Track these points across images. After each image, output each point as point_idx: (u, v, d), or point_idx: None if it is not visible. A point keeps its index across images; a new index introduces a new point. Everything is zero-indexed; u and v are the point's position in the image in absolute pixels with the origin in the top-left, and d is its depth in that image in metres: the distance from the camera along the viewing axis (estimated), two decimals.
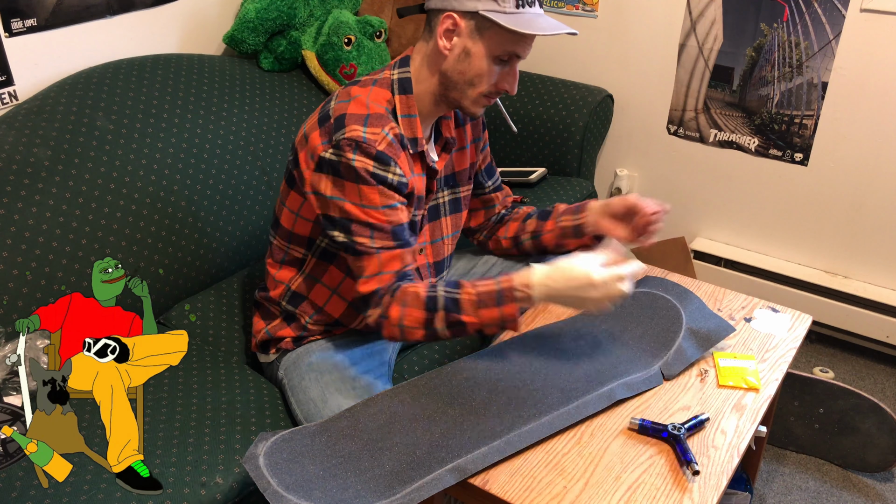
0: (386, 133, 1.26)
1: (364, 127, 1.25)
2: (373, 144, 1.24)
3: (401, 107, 1.32)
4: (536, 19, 1.26)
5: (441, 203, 1.47)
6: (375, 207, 1.26)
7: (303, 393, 1.37)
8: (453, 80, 1.32)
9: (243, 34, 2.05)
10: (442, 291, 1.26)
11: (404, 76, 1.34)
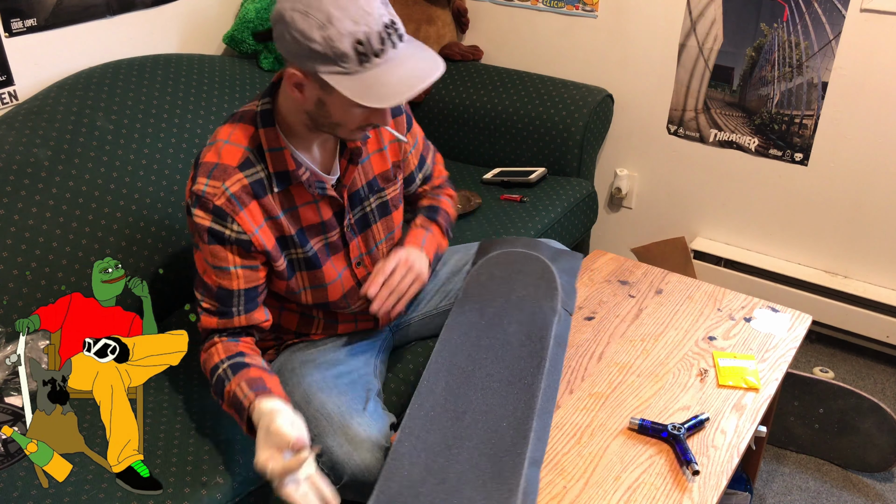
0: (226, 188, 1.21)
1: (207, 180, 1.22)
2: (210, 199, 1.21)
3: (266, 141, 1.25)
4: (387, 74, 1.12)
5: (369, 211, 1.41)
6: (210, 265, 1.27)
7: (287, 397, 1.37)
8: (318, 122, 1.22)
9: (243, 34, 2.06)
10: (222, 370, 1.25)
11: (266, 108, 1.25)
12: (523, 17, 2.50)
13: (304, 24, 1.10)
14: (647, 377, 1.35)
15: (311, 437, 1.29)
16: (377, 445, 1.26)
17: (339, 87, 1.12)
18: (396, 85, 1.12)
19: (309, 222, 1.32)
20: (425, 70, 1.15)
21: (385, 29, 1.12)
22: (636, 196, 2.53)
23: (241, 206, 1.23)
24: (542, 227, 2.07)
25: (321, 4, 1.10)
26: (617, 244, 2.64)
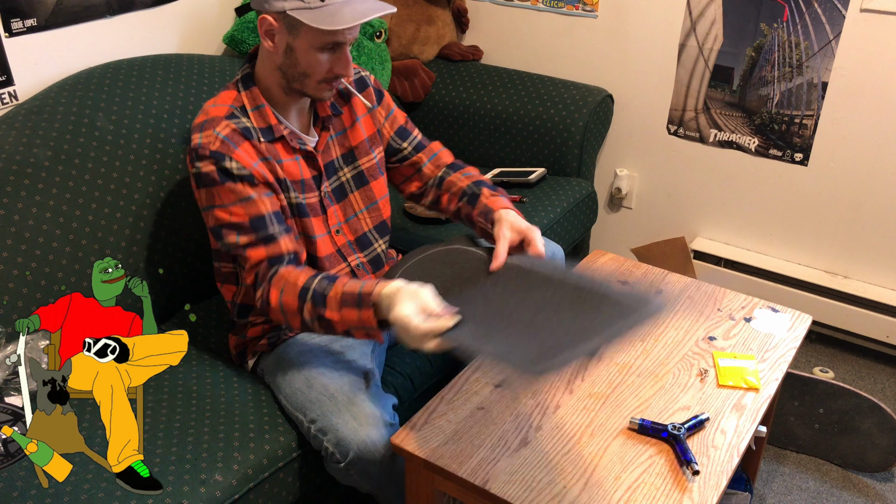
0: (217, 133, 1.31)
1: (200, 134, 1.32)
2: (207, 147, 1.31)
3: (248, 101, 1.37)
4: (343, 8, 1.26)
5: (345, 181, 1.49)
6: (232, 203, 1.32)
7: (288, 386, 1.38)
8: (289, 74, 1.34)
9: (243, 34, 2.06)
10: (316, 283, 1.27)
11: (245, 73, 1.39)
12: (523, 17, 2.50)
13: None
14: (647, 377, 1.35)
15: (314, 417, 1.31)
16: (382, 421, 1.27)
17: (304, 19, 1.25)
18: (350, 14, 1.25)
19: (292, 177, 1.40)
20: (376, 7, 1.28)
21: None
22: (636, 196, 2.53)
23: (234, 145, 1.32)
24: (542, 227, 2.07)
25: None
26: (617, 244, 2.63)
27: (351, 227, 1.50)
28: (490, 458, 1.18)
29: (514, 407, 1.28)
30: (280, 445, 1.35)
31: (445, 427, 1.24)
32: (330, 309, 1.24)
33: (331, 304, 1.24)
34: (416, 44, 2.51)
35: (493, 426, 1.24)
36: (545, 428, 1.24)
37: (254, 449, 1.33)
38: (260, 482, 1.31)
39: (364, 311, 1.21)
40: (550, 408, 1.28)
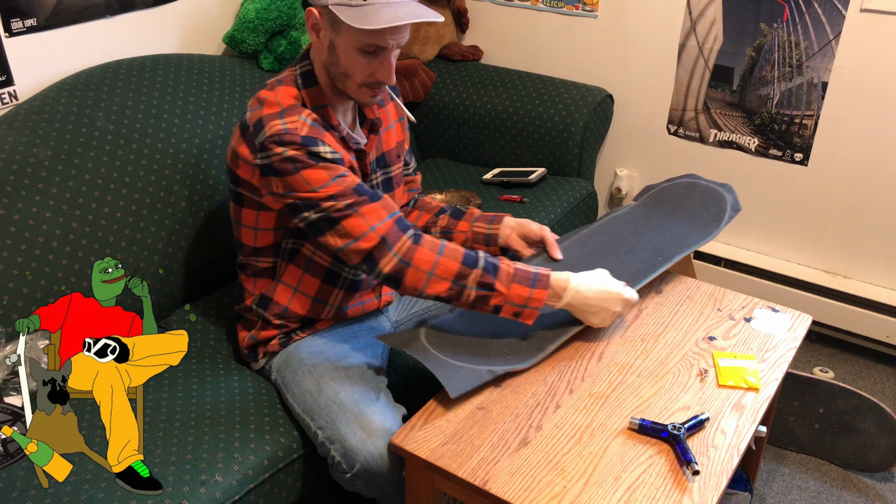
0: (304, 119, 1.29)
1: (282, 119, 1.28)
2: (295, 132, 1.26)
3: (309, 99, 1.34)
4: (385, 9, 1.23)
5: (376, 184, 1.49)
6: (327, 183, 1.26)
7: (297, 387, 1.38)
8: (332, 73, 1.33)
9: (243, 34, 2.06)
10: (483, 253, 1.32)
11: (306, 69, 1.35)
12: (523, 17, 2.50)
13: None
14: (647, 377, 1.35)
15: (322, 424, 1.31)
16: (391, 434, 1.27)
17: (342, 16, 1.22)
18: (390, 16, 1.22)
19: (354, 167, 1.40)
20: (421, 13, 1.25)
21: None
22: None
23: (322, 129, 1.31)
24: None
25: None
26: None
27: None
28: (490, 458, 1.18)
29: (514, 407, 1.28)
30: (281, 446, 1.35)
31: (445, 427, 1.24)
32: (500, 281, 1.30)
33: (501, 277, 1.30)
34: (416, 43, 2.51)
35: (493, 426, 1.24)
36: (545, 428, 1.24)
37: (254, 450, 1.33)
38: (260, 483, 1.31)
39: (536, 291, 1.31)
40: (550, 408, 1.28)
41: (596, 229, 1.63)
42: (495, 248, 1.56)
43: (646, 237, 1.58)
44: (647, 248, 1.54)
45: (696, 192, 1.67)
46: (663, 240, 1.56)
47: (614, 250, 1.55)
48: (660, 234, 1.58)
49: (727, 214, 1.58)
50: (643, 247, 1.55)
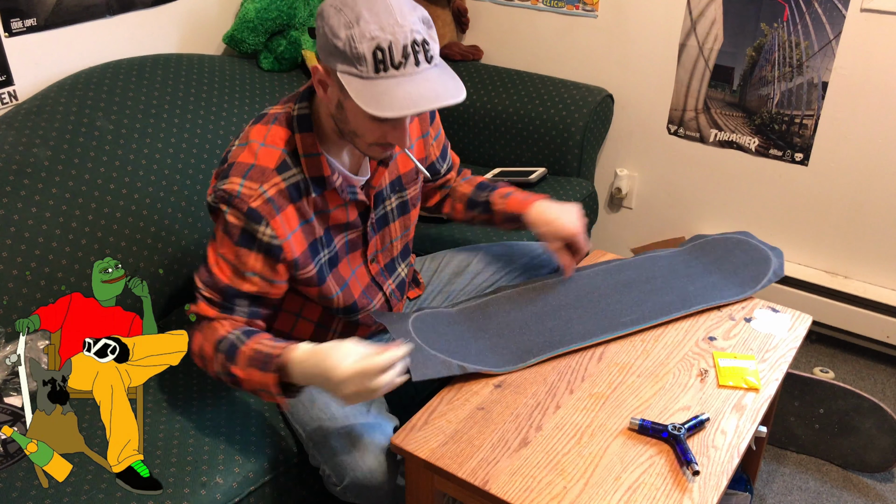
0: (263, 191, 1.20)
1: (243, 180, 1.20)
2: (246, 200, 1.19)
3: (302, 146, 1.24)
4: (399, 88, 1.10)
5: (389, 210, 1.42)
6: (227, 263, 1.23)
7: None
8: (340, 128, 1.23)
9: (243, 34, 2.05)
10: (234, 336, 1.21)
11: (303, 112, 1.25)
12: (523, 17, 2.50)
13: (335, 20, 1.11)
14: (647, 377, 1.35)
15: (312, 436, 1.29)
16: (380, 449, 1.26)
17: (349, 88, 1.11)
18: (403, 99, 1.10)
19: (337, 222, 1.33)
20: (440, 93, 1.12)
21: (413, 45, 1.11)
22: (636, 196, 2.53)
23: (277, 209, 1.22)
24: None
25: (356, 5, 1.11)
26: (617, 244, 2.63)
27: (385, 254, 1.46)
28: (490, 458, 1.18)
29: (514, 407, 1.28)
30: (281, 450, 1.35)
31: (445, 427, 1.24)
32: (238, 366, 1.19)
33: (239, 361, 1.19)
34: None
35: (493, 426, 1.24)
36: (545, 428, 1.24)
37: (255, 452, 1.32)
38: (261, 486, 1.31)
39: (267, 375, 1.15)
40: (550, 408, 1.28)
41: (629, 263, 1.63)
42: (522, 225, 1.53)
43: (676, 282, 1.56)
44: (672, 293, 1.53)
45: (744, 249, 1.66)
46: (692, 289, 1.55)
47: (639, 287, 1.54)
48: (691, 282, 1.56)
49: (766, 278, 1.56)
50: (669, 290, 1.54)
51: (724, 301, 1.52)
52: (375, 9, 1.10)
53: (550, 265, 1.64)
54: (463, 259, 1.65)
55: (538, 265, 1.64)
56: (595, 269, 1.61)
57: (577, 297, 1.52)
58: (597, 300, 1.51)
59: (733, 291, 1.55)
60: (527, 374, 1.35)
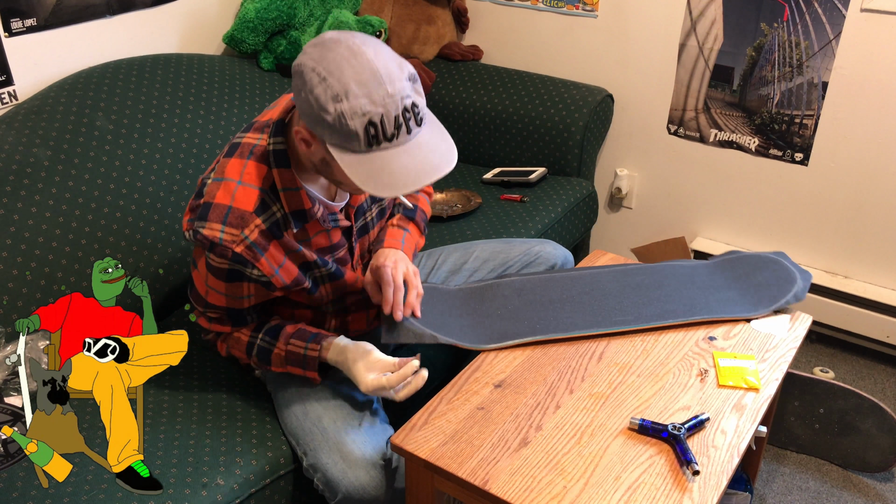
0: (245, 237, 1.20)
1: (223, 226, 1.19)
2: (229, 246, 1.19)
3: (280, 181, 1.22)
4: (394, 161, 1.08)
5: (369, 220, 1.43)
6: (220, 293, 1.29)
7: (285, 406, 1.37)
8: (322, 173, 1.22)
9: (243, 34, 2.06)
10: (263, 342, 1.34)
11: (279, 148, 1.21)
12: (523, 17, 2.50)
13: (320, 90, 1.06)
14: (647, 377, 1.35)
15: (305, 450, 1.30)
16: (371, 463, 1.26)
17: (343, 165, 1.09)
18: (401, 175, 1.08)
19: (321, 247, 1.33)
20: (435, 164, 1.10)
21: (404, 112, 1.08)
22: (636, 196, 2.53)
23: (261, 251, 1.22)
24: (543, 227, 2.07)
25: (342, 75, 1.05)
26: (617, 244, 2.63)
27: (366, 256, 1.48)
28: (490, 458, 1.18)
29: (514, 407, 1.28)
30: (283, 453, 1.35)
31: (445, 427, 1.24)
32: (274, 364, 1.35)
33: (275, 362, 1.34)
34: (416, 43, 2.51)
35: (493, 426, 1.24)
36: (545, 428, 1.24)
37: (256, 455, 1.32)
38: (261, 488, 1.31)
39: (309, 372, 1.33)
40: (550, 408, 1.28)
41: (646, 268, 1.61)
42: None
43: (688, 291, 1.53)
44: (678, 301, 1.50)
45: (772, 268, 1.59)
46: (703, 300, 1.51)
47: (646, 292, 1.53)
48: (704, 294, 1.53)
49: (784, 299, 1.51)
50: (677, 298, 1.51)
51: (731, 316, 1.48)
52: (363, 78, 1.05)
53: (547, 262, 1.65)
54: (460, 256, 1.66)
55: (535, 262, 1.64)
56: (608, 269, 1.60)
57: (579, 293, 1.52)
58: (598, 298, 1.51)
59: (745, 309, 1.50)
60: (527, 374, 1.35)
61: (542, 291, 1.52)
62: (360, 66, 1.06)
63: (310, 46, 1.10)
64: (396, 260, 1.38)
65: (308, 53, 1.09)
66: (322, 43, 1.09)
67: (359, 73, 1.05)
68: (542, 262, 1.65)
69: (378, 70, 1.06)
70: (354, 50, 1.07)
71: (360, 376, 1.26)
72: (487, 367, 1.37)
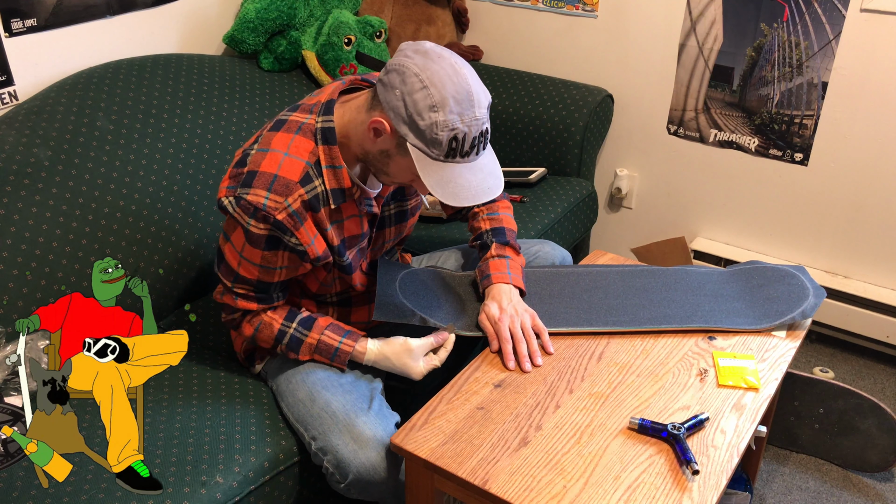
0: (288, 204, 1.24)
1: (268, 193, 1.23)
2: (272, 213, 1.23)
3: (325, 158, 1.27)
4: (463, 176, 1.20)
5: (387, 215, 1.45)
6: (253, 265, 1.31)
7: (291, 396, 1.37)
8: (371, 163, 1.28)
9: (243, 34, 2.06)
10: (294, 331, 1.37)
11: (327, 125, 1.27)
12: (523, 17, 2.50)
13: (420, 96, 1.15)
14: (647, 377, 1.35)
15: (314, 434, 1.29)
16: (382, 444, 1.27)
17: (419, 166, 1.19)
18: (467, 189, 1.20)
19: (351, 233, 1.37)
20: (491, 186, 1.23)
21: (480, 136, 1.21)
22: (636, 196, 2.53)
23: (301, 221, 1.27)
24: (543, 227, 2.07)
25: (444, 87, 1.16)
26: (617, 244, 2.63)
27: (373, 253, 1.49)
28: (490, 458, 1.18)
29: (513, 406, 1.28)
30: (282, 449, 1.35)
31: (445, 427, 1.24)
32: (302, 354, 1.38)
33: (303, 350, 1.38)
34: None
35: (493, 426, 1.24)
36: (545, 428, 1.24)
37: (255, 452, 1.32)
38: (261, 485, 1.31)
39: (335, 363, 1.38)
40: (550, 407, 1.28)
41: (652, 271, 1.60)
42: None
43: (694, 298, 1.52)
44: (680, 307, 1.49)
45: (787, 282, 1.55)
46: (707, 308, 1.49)
47: (649, 294, 1.52)
48: (709, 301, 1.51)
49: (791, 315, 1.46)
50: (680, 304, 1.50)
51: (730, 328, 1.45)
52: (460, 97, 1.17)
53: (545, 261, 1.65)
54: (459, 258, 1.66)
55: (533, 262, 1.65)
56: (619, 269, 1.60)
57: (579, 290, 1.53)
58: (598, 297, 1.51)
59: (747, 321, 1.47)
60: (526, 374, 1.35)
61: (541, 285, 1.53)
62: (460, 85, 1.17)
63: (411, 51, 1.19)
64: (512, 315, 1.39)
65: (411, 58, 1.18)
66: (425, 52, 1.18)
67: (458, 91, 1.17)
68: (540, 262, 1.65)
69: (472, 93, 1.19)
70: (457, 69, 1.18)
71: (410, 369, 1.35)
72: (487, 367, 1.37)
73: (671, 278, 1.58)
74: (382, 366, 1.37)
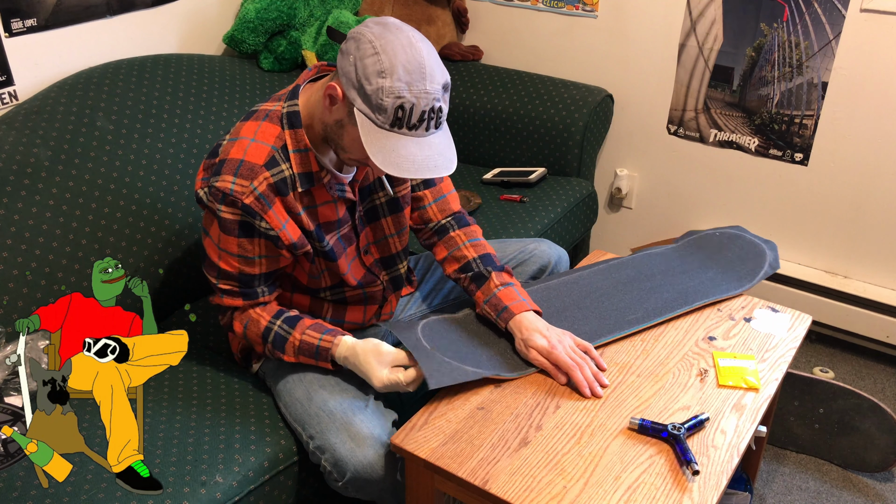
0: (254, 188, 1.25)
1: (234, 178, 1.25)
2: (239, 197, 1.25)
3: (291, 142, 1.28)
4: (406, 148, 1.17)
5: (378, 204, 1.44)
6: (232, 255, 1.31)
7: (288, 395, 1.38)
8: (328, 137, 1.27)
9: (243, 34, 2.06)
10: (279, 329, 1.36)
11: (292, 110, 1.29)
12: (523, 17, 2.50)
13: (370, 61, 1.15)
14: (647, 377, 1.35)
15: (312, 433, 1.30)
16: (380, 442, 1.27)
17: (363, 132, 1.17)
18: (408, 162, 1.17)
19: (326, 219, 1.37)
20: (438, 164, 1.20)
21: (430, 112, 1.18)
22: (636, 196, 2.53)
23: (268, 204, 1.27)
24: (542, 227, 2.07)
25: (395, 55, 1.15)
26: (617, 244, 2.63)
27: (380, 247, 1.48)
28: (490, 458, 1.18)
29: (514, 406, 1.28)
30: (281, 448, 1.35)
31: (445, 427, 1.24)
32: (287, 354, 1.36)
33: (287, 350, 1.36)
34: None
35: (493, 426, 1.24)
36: (545, 428, 1.24)
37: (255, 451, 1.32)
38: (261, 484, 1.31)
39: (321, 363, 1.35)
40: (550, 407, 1.28)
41: (627, 261, 1.65)
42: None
43: (675, 279, 1.59)
44: (672, 290, 1.55)
45: (738, 244, 1.69)
46: (692, 284, 1.57)
47: (638, 285, 1.56)
48: (690, 278, 1.59)
49: (763, 271, 1.59)
50: (669, 287, 1.56)
51: (723, 296, 1.54)
52: (411, 66, 1.15)
53: (541, 260, 1.64)
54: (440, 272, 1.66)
55: (529, 260, 1.64)
56: (594, 268, 1.62)
57: (579, 297, 1.52)
58: (599, 300, 1.51)
59: (732, 286, 1.56)
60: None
61: (545, 303, 1.48)
62: (412, 56, 1.16)
63: (373, 22, 1.20)
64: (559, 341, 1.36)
65: (370, 27, 1.18)
66: (386, 24, 1.19)
67: (409, 61, 1.15)
68: (536, 261, 1.64)
69: (425, 67, 1.16)
70: (413, 42, 1.17)
71: (372, 371, 1.29)
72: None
73: (644, 264, 1.63)
74: (350, 364, 1.32)
